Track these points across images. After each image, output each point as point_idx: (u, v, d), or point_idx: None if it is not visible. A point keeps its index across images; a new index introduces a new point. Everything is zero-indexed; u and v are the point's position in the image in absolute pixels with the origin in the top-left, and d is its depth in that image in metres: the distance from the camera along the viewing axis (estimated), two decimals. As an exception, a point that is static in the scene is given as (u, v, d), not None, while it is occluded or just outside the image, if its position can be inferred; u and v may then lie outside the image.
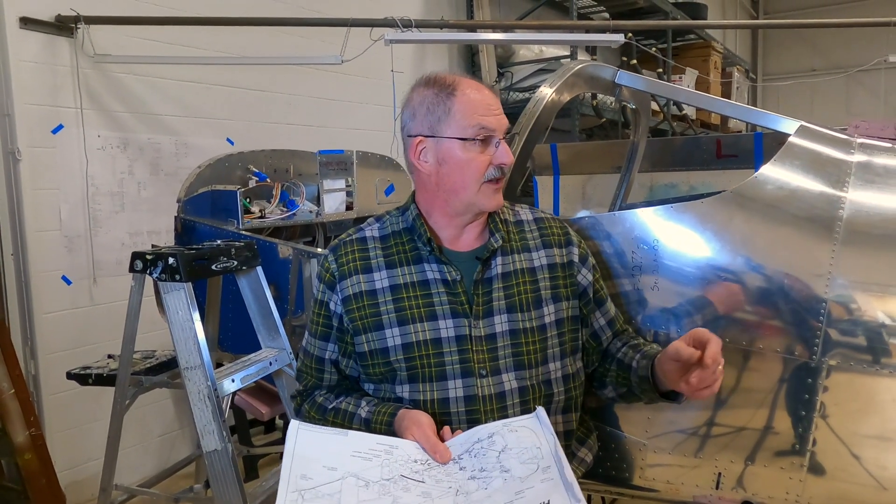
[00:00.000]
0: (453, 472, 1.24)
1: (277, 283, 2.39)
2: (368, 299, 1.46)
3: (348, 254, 1.50)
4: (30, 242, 3.32)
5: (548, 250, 1.54)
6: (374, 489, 1.20)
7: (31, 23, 3.28)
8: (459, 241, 1.50)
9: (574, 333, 1.54)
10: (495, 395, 1.42)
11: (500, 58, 6.01)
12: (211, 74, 4.10)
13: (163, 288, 1.90)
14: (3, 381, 2.74)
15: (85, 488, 3.60)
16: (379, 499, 1.19)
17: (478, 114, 1.42)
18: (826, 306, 1.61)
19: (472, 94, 1.44)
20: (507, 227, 1.54)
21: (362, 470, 1.23)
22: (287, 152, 3.38)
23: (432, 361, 1.43)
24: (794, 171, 1.75)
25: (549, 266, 1.52)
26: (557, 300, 1.50)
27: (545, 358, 1.48)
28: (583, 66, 2.30)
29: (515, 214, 1.58)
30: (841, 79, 11.12)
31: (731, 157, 3.51)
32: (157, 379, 2.57)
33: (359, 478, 1.22)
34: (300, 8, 4.53)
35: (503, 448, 1.25)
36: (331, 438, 1.29)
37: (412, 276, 1.46)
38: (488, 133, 1.42)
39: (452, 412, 1.41)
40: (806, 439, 1.65)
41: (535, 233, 1.55)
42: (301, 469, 1.22)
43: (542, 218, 1.59)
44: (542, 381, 1.47)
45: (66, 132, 3.46)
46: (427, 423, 1.33)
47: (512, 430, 1.29)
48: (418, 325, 1.43)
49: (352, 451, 1.26)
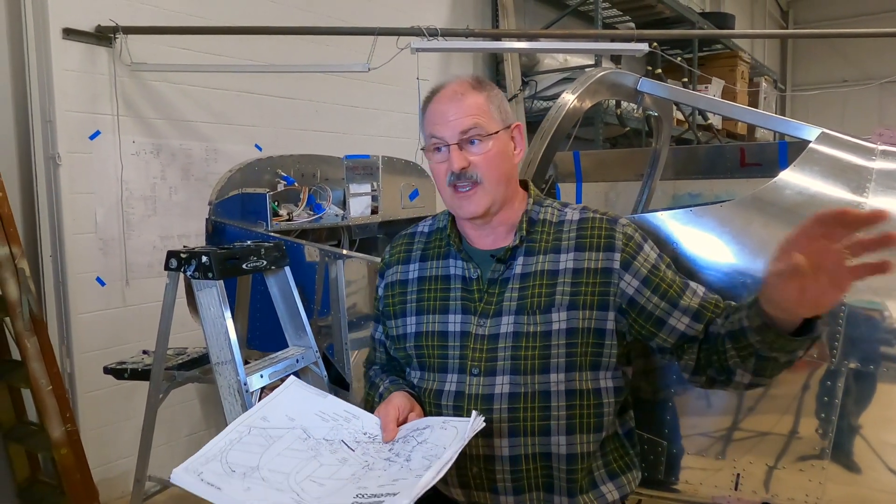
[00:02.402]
0: (383, 450, 1.29)
1: (304, 284, 2.44)
2: (400, 288, 1.57)
3: (397, 246, 1.64)
4: (67, 245, 3.43)
5: (578, 253, 1.44)
6: (310, 444, 1.29)
7: (73, 33, 3.40)
8: (483, 239, 1.53)
9: (596, 348, 1.42)
10: (483, 396, 1.42)
11: (524, 66, 6.06)
12: (240, 82, 4.20)
13: (196, 286, 1.97)
14: (41, 378, 2.82)
15: (116, 485, 3.69)
16: (306, 451, 1.27)
17: (431, 123, 1.47)
18: (845, 310, 1.62)
19: (434, 105, 1.48)
20: (543, 227, 1.49)
21: (314, 427, 1.33)
22: (314, 157, 3.45)
23: (436, 353, 1.49)
24: (814, 176, 1.77)
25: (574, 270, 1.43)
26: (573, 307, 1.41)
27: (545, 367, 1.40)
28: (605, 74, 2.34)
29: (561, 214, 1.52)
30: (873, 89, 10.99)
31: (755, 165, 3.51)
32: (189, 374, 2.64)
33: (305, 432, 1.32)
34: (327, 17, 4.63)
35: (423, 440, 1.27)
36: (311, 397, 1.40)
37: (437, 270, 1.54)
38: (437, 143, 1.45)
39: (443, 405, 1.46)
40: (826, 442, 1.66)
41: (573, 234, 1.47)
42: (266, 412, 1.34)
43: (588, 218, 1.49)
44: (540, 391, 1.40)
45: (103, 138, 3.58)
46: (395, 404, 1.40)
47: (442, 427, 1.29)
48: (431, 316, 1.50)
49: (318, 411, 1.37)
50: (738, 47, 8.51)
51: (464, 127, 1.43)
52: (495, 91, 1.52)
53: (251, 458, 1.24)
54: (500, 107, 1.50)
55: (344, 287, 2.38)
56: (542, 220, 1.51)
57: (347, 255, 2.44)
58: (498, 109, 1.48)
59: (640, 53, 3.45)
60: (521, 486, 1.42)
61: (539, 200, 1.55)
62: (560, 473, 1.41)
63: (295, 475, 1.22)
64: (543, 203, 1.55)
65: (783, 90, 11.99)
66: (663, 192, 3.66)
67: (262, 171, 3.09)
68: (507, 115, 1.50)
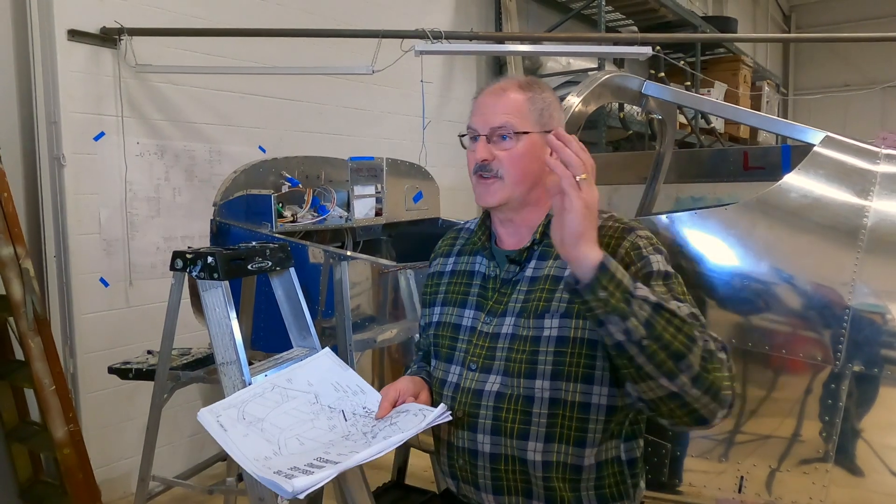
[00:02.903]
0: (367, 425, 1.40)
1: (308, 286, 2.45)
2: (437, 279, 1.64)
3: (446, 239, 1.70)
4: (71, 245, 3.44)
5: None
6: (315, 408, 1.44)
7: (78, 35, 3.42)
8: (509, 239, 1.55)
9: (588, 360, 1.37)
10: (474, 391, 1.45)
11: (527, 70, 6.07)
12: (244, 84, 4.21)
13: (201, 286, 1.98)
14: (44, 378, 2.83)
15: (117, 486, 3.69)
16: (307, 414, 1.42)
17: (472, 113, 1.52)
18: (849, 313, 1.63)
19: (479, 97, 1.53)
20: None
21: (325, 394, 1.48)
22: (319, 159, 3.46)
23: (447, 344, 1.54)
24: (819, 179, 1.78)
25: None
26: (567, 316, 1.38)
27: (532, 372, 1.39)
28: (610, 77, 2.35)
29: None
30: (875, 93, 11.00)
31: (758, 169, 3.51)
32: (193, 374, 2.65)
33: (316, 397, 1.47)
34: (331, 20, 4.65)
35: (394, 422, 1.37)
36: (334, 368, 1.55)
37: (466, 266, 1.59)
38: (471, 132, 1.50)
39: (444, 395, 1.50)
40: (830, 445, 1.67)
41: None
42: (292, 375, 1.51)
43: (605, 227, 1.43)
44: (524, 395, 1.39)
45: (107, 139, 3.59)
46: (398, 387, 1.49)
47: (415, 414, 1.39)
48: (450, 308, 1.56)
49: (335, 381, 1.50)
50: (740, 51, 8.52)
51: (495, 123, 1.46)
52: (544, 95, 1.51)
53: (262, 411, 1.40)
54: (544, 111, 1.49)
55: (348, 288, 2.39)
56: None
57: (352, 256, 2.45)
58: (539, 112, 1.48)
59: (644, 57, 3.45)
60: (501, 487, 1.43)
61: None
62: (537, 480, 1.40)
63: (287, 431, 1.37)
64: None
65: (785, 94, 12.00)
66: (666, 196, 3.65)
67: (266, 172, 3.10)
68: (549, 121, 1.49)
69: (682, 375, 1.19)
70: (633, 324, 1.17)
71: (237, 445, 1.31)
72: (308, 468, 1.23)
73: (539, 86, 1.52)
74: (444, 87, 5.72)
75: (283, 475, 1.20)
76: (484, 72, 6.17)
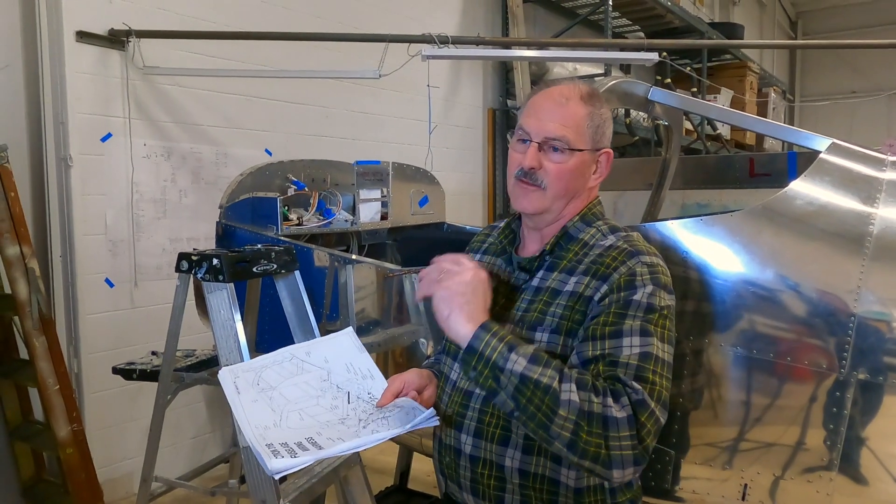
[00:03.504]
0: (366, 412, 1.44)
1: (313, 289, 2.45)
2: None
3: (479, 235, 1.72)
4: (77, 245, 3.46)
5: (583, 277, 1.40)
6: (324, 385, 1.48)
7: (86, 36, 3.44)
8: (530, 245, 1.55)
9: None
10: (465, 391, 1.46)
11: (534, 75, 6.07)
12: (251, 87, 4.23)
13: (206, 288, 1.98)
14: (48, 377, 2.83)
15: (120, 486, 3.70)
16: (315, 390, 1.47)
17: (527, 113, 1.48)
18: (855, 321, 1.62)
19: (537, 97, 1.49)
20: (576, 245, 1.46)
21: (337, 373, 1.51)
22: (325, 162, 3.47)
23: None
24: (825, 186, 1.77)
25: (571, 293, 1.39)
26: (556, 332, 1.38)
27: None
28: (616, 82, 2.35)
29: (602, 237, 1.46)
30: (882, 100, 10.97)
31: (764, 175, 3.50)
32: (197, 375, 2.65)
33: (328, 374, 1.51)
34: (338, 23, 4.66)
35: (387, 416, 1.41)
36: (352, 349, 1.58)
37: (488, 266, 1.56)
38: (523, 135, 1.46)
39: (444, 390, 1.52)
40: (834, 453, 1.66)
41: (592, 258, 1.42)
42: (311, 348, 1.56)
43: (613, 246, 1.42)
44: None
45: (114, 141, 3.61)
46: (404, 378, 1.49)
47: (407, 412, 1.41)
48: None
49: (348, 361, 1.54)
50: (747, 57, 8.52)
51: (551, 133, 1.42)
52: (602, 111, 1.47)
53: (276, 380, 1.46)
54: (599, 128, 1.46)
55: (353, 292, 2.39)
56: (580, 240, 1.47)
57: (357, 260, 2.46)
58: (595, 129, 1.46)
59: (650, 63, 3.46)
60: (478, 490, 1.43)
61: (589, 219, 1.49)
62: (514, 488, 1.39)
63: (293, 404, 1.42)
64: (593, 223, 1.49)
65: (792, 101, 11.99)
66: (672, 202, 3.66)
67: (272, 175, 3.11)
68: (601, 139, 1.47)
69: (556, 442, 1.24)
70: (502, 398, 1.27)
71: (244, 409, 1.37)
72: (295, 448, 1.29)
73: (599, 100, 1.48)
74: (450, 91, 5.73)
75: (271, 449, 1.27)
76: (491, 76, 6.18)
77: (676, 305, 1.43)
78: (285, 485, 2.01)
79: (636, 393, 1.25)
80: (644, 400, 1.25)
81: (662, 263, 1.41)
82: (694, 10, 7.74)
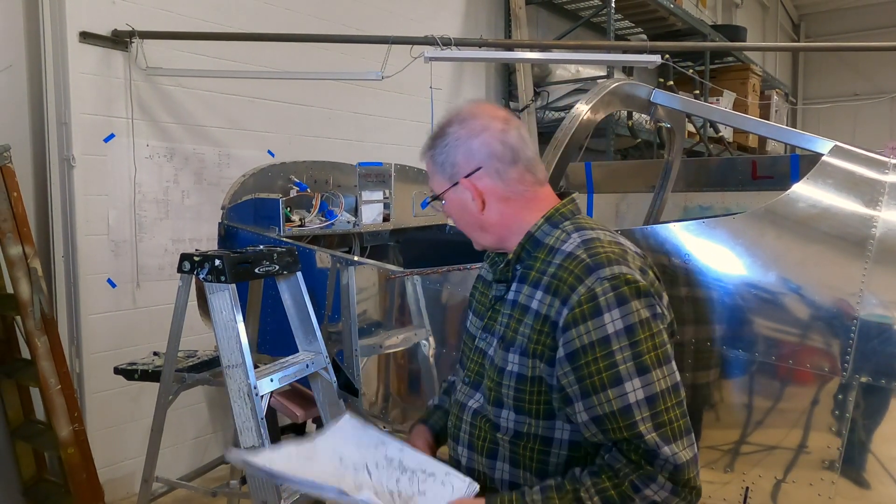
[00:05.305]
0: (393, 477, 1.38)
1: (315, 290, 2.45)
2: (475, 283, 1.62)
3: None
4: (79, 246, 3.46)
5: (545, 295, 1.32)
6: (339, 471, 1.37)
7: (89, 37, 3.45)
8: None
9: (547, 396, 1.32)
10: (461, 404, 1.47)
11: (536, 77, 6.08)
12: (254, 88, 4.23)
13: (208, 289, 1.98)
14: (50, 377, 2.84)
15: (121, 486, 3.70)
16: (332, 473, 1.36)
17: None
18: (857, 324, 1.62)
19: None
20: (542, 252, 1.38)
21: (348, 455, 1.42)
22: (327, 164, 3.47)
23: (466, 352, 1.54)
24: (827, 189, 1.77)
25: (536, 313, 1.32)
26: (525, 354, 1.33)
27: (499, 400, 1.37)
28: (619, 85, 2.35)
29: (566, 238, 1.37)
30: (885, 103, 10.97)
31: (766, 178, 3.50)
32: (199, 376, 2.66)
33: (341, 460, 1.41)
34: (341, 25, 4.66)
35: (423, 491, 1.35)
36: (357, 428, 1.49)
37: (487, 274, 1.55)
38: None
39: (453, 400, 1.53)
40: (836, 456, 1.66)
41: (552, 269, 1.32)
42: (317, 442, 1.45)
43: (573, 256, 1.31)
44: (493, 422, 1.39)
45: (117, 141, 3.61)
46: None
47: (442, 483, 1.36)
48: (473, 317, 1.55)
49: (356, 440, 1.45)
50: (749, 60, 8.51)
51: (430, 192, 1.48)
52: (442, 143, 1.42)
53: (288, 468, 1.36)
54: (445, 163, 1.41)
55: (355, 293, 2.39)
56: (545, 245, 1.38)
57: (359, 261, 2.46)
58: (441, 167, 1.42)
59: (653, 65, 3.46)
60: None
61: (556, 220, 1.40)
62: None
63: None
64: (560, 223, 1.40)
65: (794, 103, 11.98)
66: (674, 205, 3.65)
67: (275, 176, 3.11)
68: (454, 170, 1.40)
69: None
70: None
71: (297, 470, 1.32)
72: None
73: (441, 134, 1.43)
74: (453, 93, 5.73)
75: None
76: (493, 78, 6.18)
77: (677, 306, 1.39)
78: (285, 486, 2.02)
79: (666, 462, 1.21)
80: (676, 464, 1.21)
81: (626, 269, 1.28)
82: (696, 12, 7.76)
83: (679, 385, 1.28)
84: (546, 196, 1.44)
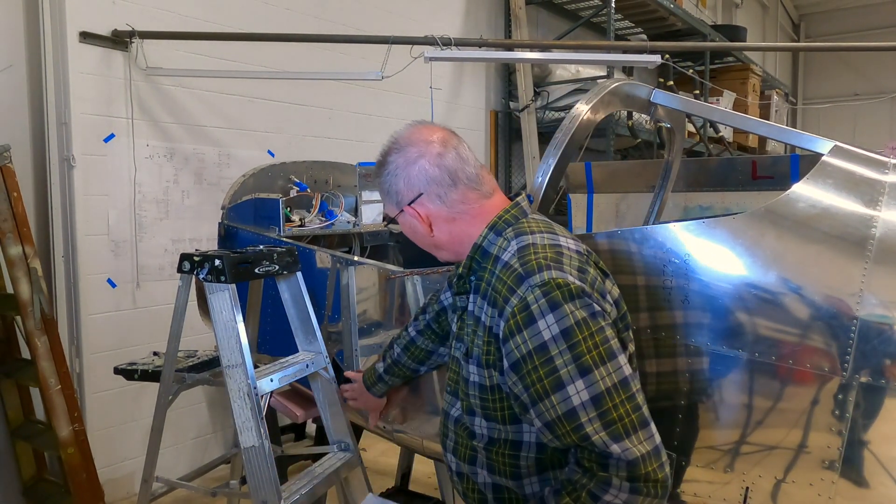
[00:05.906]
0: None
1: (315, 290, 2.45)
2: None
3: None
4: (79, 246, 3.47)
5: (487, 306, 1.34)
6: None
7: (89, 37, 3.45)
8: None
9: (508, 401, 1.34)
10: (446, 413, 1.52)
11: (536, 77, 6.08)
12: (254, 88, 4.24)
13: (208, 289, 1.98)
14: (50, 377, 2.84)
15: (121, 486, 3.70)
16: None
17: None
18: (857, 324, 1.62)
19: None
20: (488, 262, 1.38)
21: None
22: (327, 164, 3.47)
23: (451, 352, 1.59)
24: (827, 189, 1.77)
25: (483, 323, 1.36)
26: (480, 365, 1.36)
27: (471, 409, 1.40)
28: (619, 85, 2.34)
29: (507, 246, 1.37)
30: (885, 103, 10.97)
31: (766, 178, 3.49)
32: (199, 376, 2.66)
33: None
34: (341, 25, 4.67)
35: None
36: None
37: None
38: None
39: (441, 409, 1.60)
40: (836, 457, 1.65)
41: (493, 279, 1.34)
42: None
43: (507, 266, 1.32)
44: (469, 430, 1.43)
45: (117, 141, 3.61)
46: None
47: None
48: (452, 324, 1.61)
49: None
50: (749, 60, 8.51)
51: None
52: (385, 171, 1.46)
53: None
54: (390, 191, 1.45)
55: (355, 293, 2.39)
56: (491, 254, 1.39)
57: (359, 261, 2.45)
58: (388, 194, 1.46)
59: (653, 65, 3.45)
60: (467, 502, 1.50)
61: (500, 228, 1.40)
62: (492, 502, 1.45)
63: None
64: (503, 232, 1.40)
65: (794, 103, 11.98)
66: (674, 205, 3.64)
67: (275, 176, 3.11)
68: (399, 198, 1.44)
69: None
70: None
71: None
72: None
73: (383, 163, 1.48)
74: (452, 93, 5.73)
75: None
76: (493, 78, 6.19)
77: (677, 307, 1.38)
78: (286, 485, 2.02)
79: (619, 461, 1.20)
80: (629, 460, 1.20)
81: (557, 273, 1.27)
82: (696, 12, 7.75)
83: (628, 379, 1.26)
84: (493, 206, 1.44)
